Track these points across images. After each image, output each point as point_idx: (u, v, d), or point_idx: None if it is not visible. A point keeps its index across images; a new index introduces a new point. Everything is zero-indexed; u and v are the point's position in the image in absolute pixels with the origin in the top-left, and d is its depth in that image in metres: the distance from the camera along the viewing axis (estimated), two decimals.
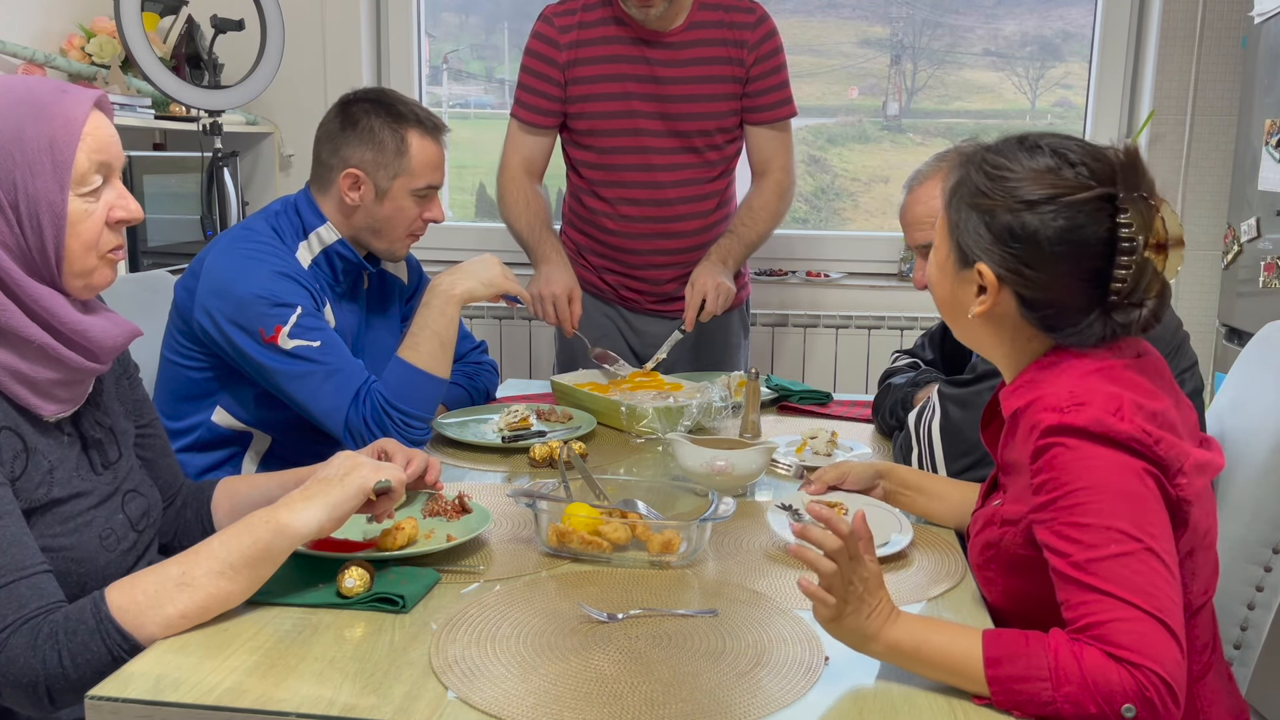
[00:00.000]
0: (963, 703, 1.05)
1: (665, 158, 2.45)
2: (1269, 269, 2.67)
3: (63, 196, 1.17)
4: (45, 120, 1.17)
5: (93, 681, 1.05)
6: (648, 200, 2.48)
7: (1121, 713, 1.00)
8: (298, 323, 1.80)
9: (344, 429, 1.83)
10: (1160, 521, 1.08)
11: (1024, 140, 1.21)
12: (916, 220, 1.85)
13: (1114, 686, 1.00)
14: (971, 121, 3.41)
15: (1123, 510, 1.06)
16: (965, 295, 1.24)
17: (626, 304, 2.59)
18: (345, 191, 1.93)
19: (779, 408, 2.27)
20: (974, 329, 1.26)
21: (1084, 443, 1.09)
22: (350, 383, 1.83)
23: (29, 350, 1.19)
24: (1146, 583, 1.04)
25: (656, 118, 2.43)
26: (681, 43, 2.40)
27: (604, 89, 2.43)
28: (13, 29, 2.74)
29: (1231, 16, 3.02)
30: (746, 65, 2.42)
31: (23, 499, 1.18)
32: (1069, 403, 1.11)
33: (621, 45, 2.41)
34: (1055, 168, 1.16)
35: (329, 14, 3.27)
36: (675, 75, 2.41)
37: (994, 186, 1.18)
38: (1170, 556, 1.07)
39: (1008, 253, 1.17)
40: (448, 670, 1.08)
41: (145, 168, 2.77)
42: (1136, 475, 1.08)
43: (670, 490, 1.57)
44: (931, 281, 1.31)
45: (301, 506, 1.22)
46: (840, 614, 1.08)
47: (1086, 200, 1.14)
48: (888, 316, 3.20)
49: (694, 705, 1.03)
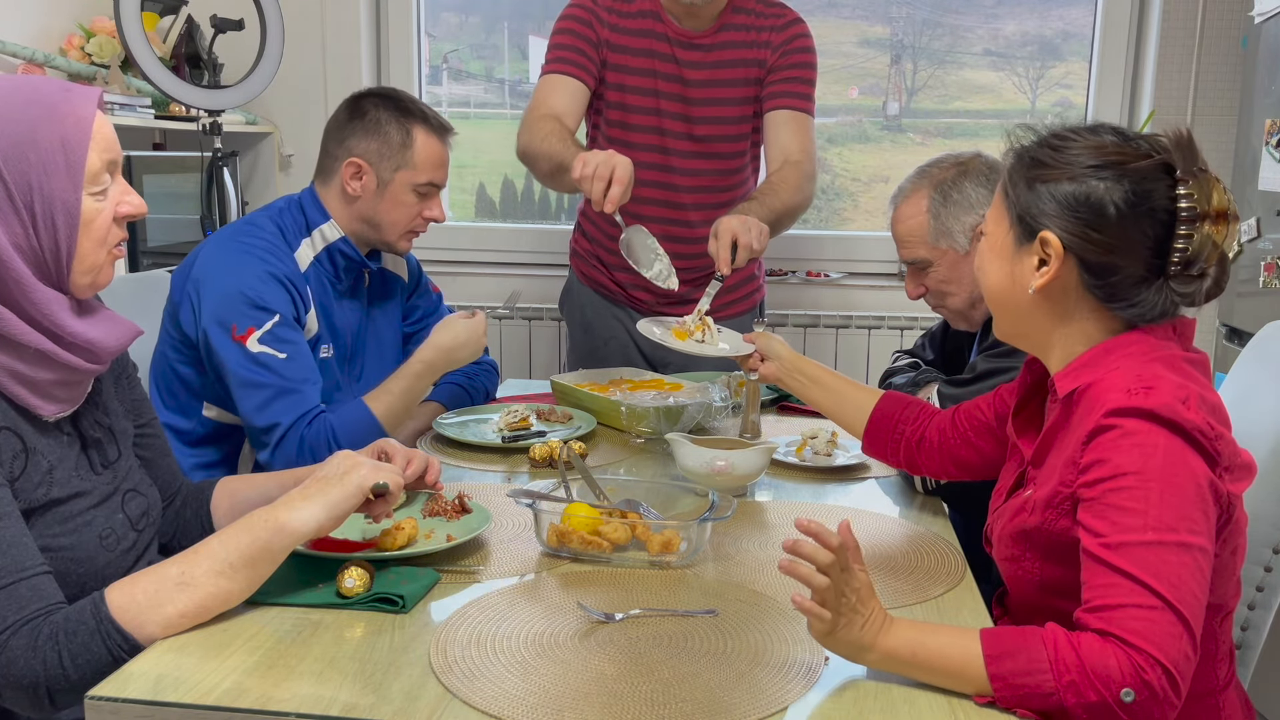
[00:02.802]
0: (963, 702, 1.05)
1: (684, 161, 2.44)
2: (1269, 269, 2.67)
3: (77, 196, 1.18)
4: (57, 120, 1.17)
5: (93, 682, 1.05)
6: (663, 201, 2.46)
7: (1120, 697, 1.00)
8: (271, 330, 1.79)
9: (275, 444, 1.78)
10: (1206, 517, 1.08)
11: (1082, 125, 1.24)
12: (901, 238, 1.84)
13: (1112, 672, 1.01)
14: (971, 121, 3.41)
15: (1170, 500, 1.07)
16: (1024, 272, 1.23)
17: (636, 305, 2.58)
18: (347, 180, 1.94)
19: (779, 408, 2.27)
20: (1029, 311, 1.25)
21: (1148, 426, 1.09)
22: (302, 404, 1.79)
23: (29, 352, 1.19)
24: (1174, 574, 1.04)
25: (680, 119, 2.41)
26: (710, 45, 2.39)
27: (634, 82, 2.41)
28: (12, 29, 2.74)
29: (1231, 16, 3.02)
30: (767, 65, 2.39)
31: (22, 499, 1.18)
32: (1137, 385, 1.12)
33: (656, 41, 2.39)
34: (1117, 142, 1.19)
35: (329, 14, 3.26)
36: (700, 78, 2.40)
37: (1058, 156, 1.20)
38: (1206, 555, 1.07)
39: (1075, 218, 1.17)
40: (448, 670, 1.08)
41: (145, 167, 2.77)
42: (1192, 467, 1.09)
43: (670, 490, 1.57)
44: (984, 268, 1.30)
45: (301, 505, 1.22)
46: (834, 627, 1.08)
47: (1149, 168, 1.16)
48: (888, 316, 3.19)
49: (694, 705, 1.03)
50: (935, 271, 1.81)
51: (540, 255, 3.34)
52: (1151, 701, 1.00)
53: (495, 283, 3.29)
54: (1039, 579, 1.23)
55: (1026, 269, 1.23)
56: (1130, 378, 1.13)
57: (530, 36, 3.52)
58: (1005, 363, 1.70)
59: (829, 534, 1.07)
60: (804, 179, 2.32)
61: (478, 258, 3.35)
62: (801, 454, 1.87)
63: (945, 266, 1.79)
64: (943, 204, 1.78)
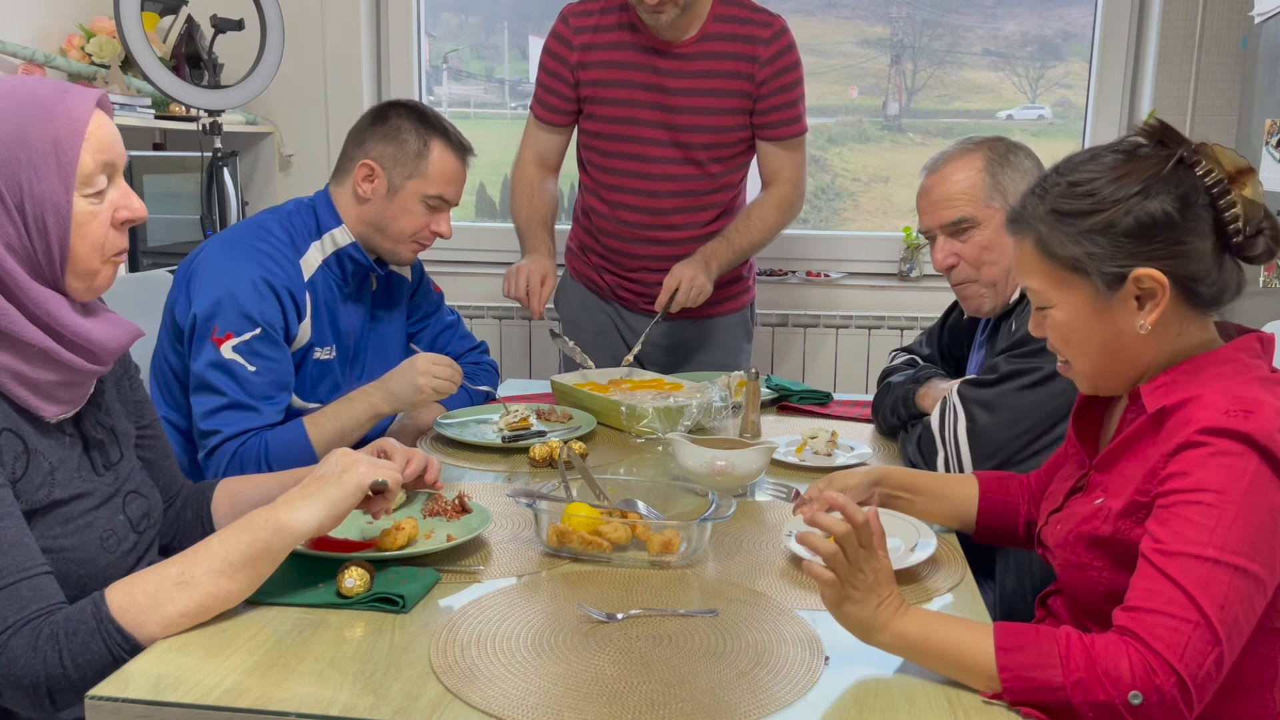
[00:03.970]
0: (964, 702, 1.05)
1: (663, 167, 2.44)
2: (1269, 269, 2.67)
3: (68, 198, 1.17)
4: (49, 121, 1.16)
5: (94, 682, 1.05)
6: (643, 208, 2.48)
7: (1128, 699, 1.00)
8: (249, 341, 1.79)
9: (209, 450, 1.77)
10: (1274, 551, 1.06)
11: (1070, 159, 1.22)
12: (946, 198, 1.81)
13: (1123, 673, 1.00)
14: (971, 121, 3.41)
15: (1242, 525, 1.05)
16: (1126, 318, 1.19)
17: (622, 302, 2.62)
18: (359, 181, 1.95)
19: (779, 408, 2.27)
20: (1140, 350, 1.20)
21: (1242, 449, 1.07)
22: (250, 420, 1.78)
23: (30, 353, 1.19)
24: (1222, 594, 1.03)
25: (660, 127, 2.42)
26: (692, 54, 2.39)
27: (609, 94, 2.43)
28: (12, 29, 2.74)
29: (1231, 16, 3.02)
30: (757, 80, 2.39)
31: (23, 500, 1.18)
32: (1236, 407, 1.09)
33: (631, 52, 2.40)
34: (1125, 159, 1.18)
35: (329, 14, 3.26)
36: (683, 86, 2.40)
37: (1095, 201, 1.17)
38: (1262, 589, 1.05)
39: (1155, 243, 1.15)
40: (448, 670, 1.08)
41: (145, 167, 2.78)
42: (1275, 499, 1.06)
43: (670, 490, 1.57)
44: (1076, 339, 1.23)
45: (300, 504, 1.22)
46: (846, 598, 1.09)
47: (1173, 169, 1.16)
48: (888, 316, 3.19)
49: (694, 705, 1.03)
50: (979, 234, 1.79)
51: None
52: (1160, 708, 1.00)
53: (495, 283, 3.28)
54: (1105, 588, 1.20)
55: (1127, 313, 1.19)
56: (1230, 399, 1.11)
57: (530, 36, 3.52)
58: (1029, 364, 1.68)
59: (856, 511, 1.08)
60: (787, 207, 2.51)
61: (478, 258, 3.35)
62: (801, 454, 1.87)
63: (992, 229, 1.78)
64: (1000, 164, 1.78)
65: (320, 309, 1.95)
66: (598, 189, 2.52)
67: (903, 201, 3.42)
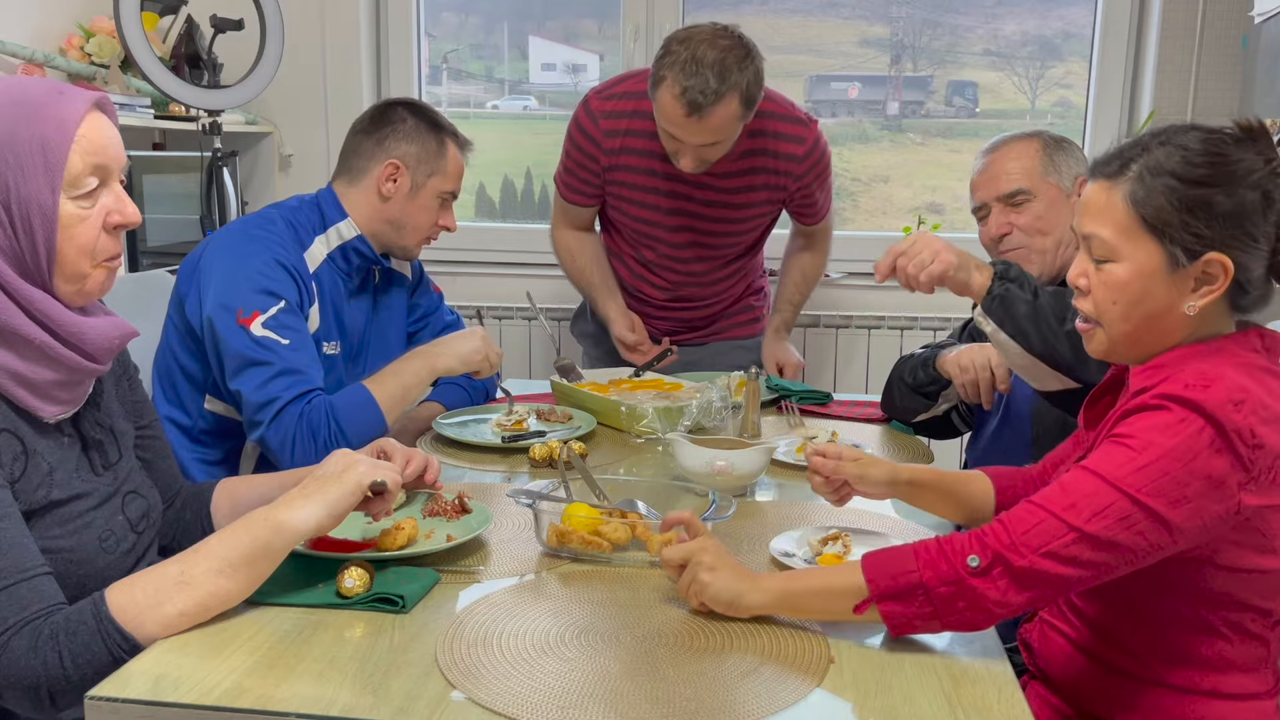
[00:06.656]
0: (964, 702, 1.05)
1: (686, 266, 2.54)
2: None
3: (54, 199, 1.16)
4: (38, 121, 1.16)
5: (93, 682, 1.05)
6: (662, 286, 2.58)
7: (967, 563, 1.10)
8: (276, 315, 1.80)
9: (272, 417, 1.75)
10: (1191, 505, 1.09)
11: (1175, 127, 1.21)
12: (1004, 171, 1.93)
13: (962, 543, 1.12)
14: (971, 121, 3.41)
15: (1153, 472, 1.09)
16: (1179, 295, 1.19)
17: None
18: (382, 181, 1.99)
19: (779, 408, 2.27)
20: (1173, 329, 1.21)
21: (1189, 414, 1.10)
22: (303, 383, 1.79)
23: (28, 351, 1.18)
24: (1102, 507, 1.09)
25: (684, 231, 2.48)
26: (724, 173, 2.38)
27: (635, 196, 2.47)
28: (12, 29, 2.74)
29: (1231, 16, 3.01)
30: (791, 191, 2.45)
31: (22, 501, 1.17)
32: (1198, 380, 1.12)
33: (661, 169, 2.40)
34: (1238, 146, 1.18)
35: (329, 14, 3.26)
36: (711, 199, 2.43)
37: (1208, 173, 1.16)
38: (1160, 526, 1.09)
39: (1240, 234, 1.16)
40: (449, 670, 1.08)
41: (145, 167, 2.77)
42: (1210, 462, 1.09)
43: (670, 490, 1.57)
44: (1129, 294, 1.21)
45: (300, 504, 1.22)
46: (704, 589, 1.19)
47: (1272, 172, 1.17)
48: (888, 316, 3.19)
49: (697, 704, 1.02)
50: (1034, 206, 1.91)
51: (541, 255, 3.32)
52: (999, 570, 1.08)
53: (495, 283, 3.29)
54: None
55: (1183, 291, 1.19)
56: (1195, 374, 1.13)
57: (530, 36, 3.52)
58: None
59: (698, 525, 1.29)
60: (822, 267, 2.69)
61: (478, 257, 3.35)
62: (801, 454, 1.87)
63: (1046, 202, 1.91)
64: (1056, 149, 1.94)
65: (326, 303, 1.96)
66: (619, 254, 2.61)
67: (903, 201, 3.42)
